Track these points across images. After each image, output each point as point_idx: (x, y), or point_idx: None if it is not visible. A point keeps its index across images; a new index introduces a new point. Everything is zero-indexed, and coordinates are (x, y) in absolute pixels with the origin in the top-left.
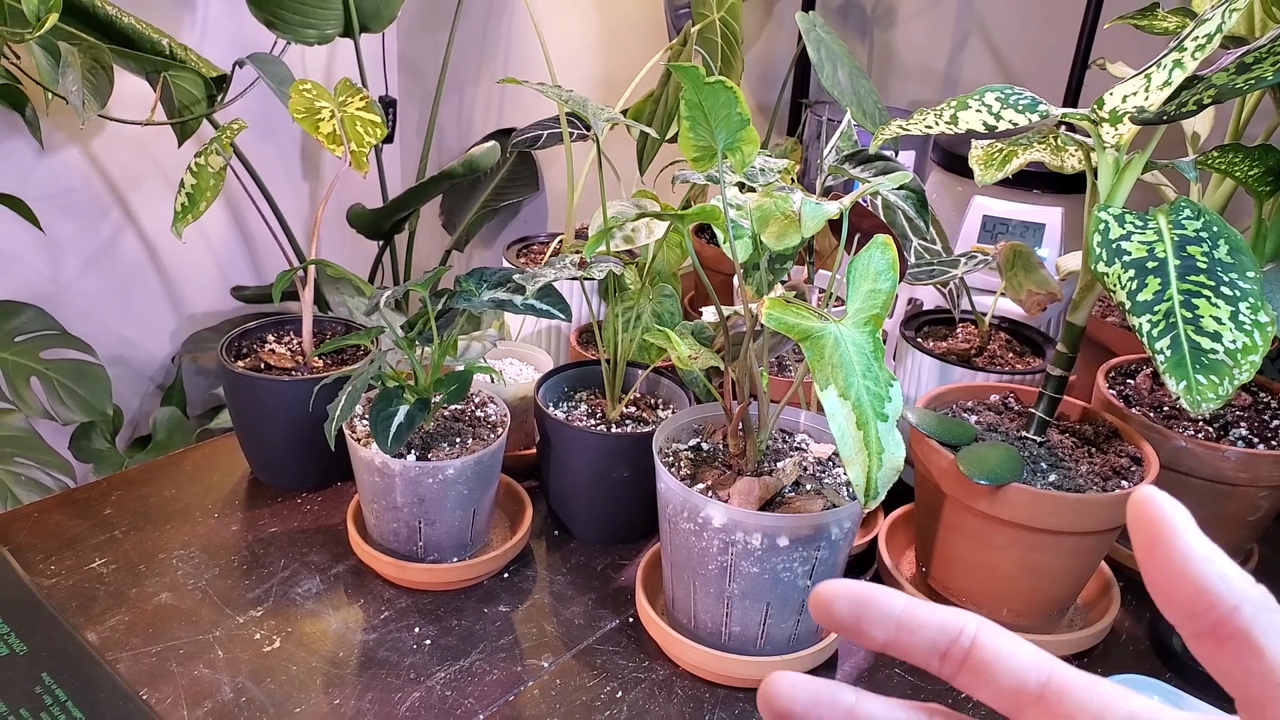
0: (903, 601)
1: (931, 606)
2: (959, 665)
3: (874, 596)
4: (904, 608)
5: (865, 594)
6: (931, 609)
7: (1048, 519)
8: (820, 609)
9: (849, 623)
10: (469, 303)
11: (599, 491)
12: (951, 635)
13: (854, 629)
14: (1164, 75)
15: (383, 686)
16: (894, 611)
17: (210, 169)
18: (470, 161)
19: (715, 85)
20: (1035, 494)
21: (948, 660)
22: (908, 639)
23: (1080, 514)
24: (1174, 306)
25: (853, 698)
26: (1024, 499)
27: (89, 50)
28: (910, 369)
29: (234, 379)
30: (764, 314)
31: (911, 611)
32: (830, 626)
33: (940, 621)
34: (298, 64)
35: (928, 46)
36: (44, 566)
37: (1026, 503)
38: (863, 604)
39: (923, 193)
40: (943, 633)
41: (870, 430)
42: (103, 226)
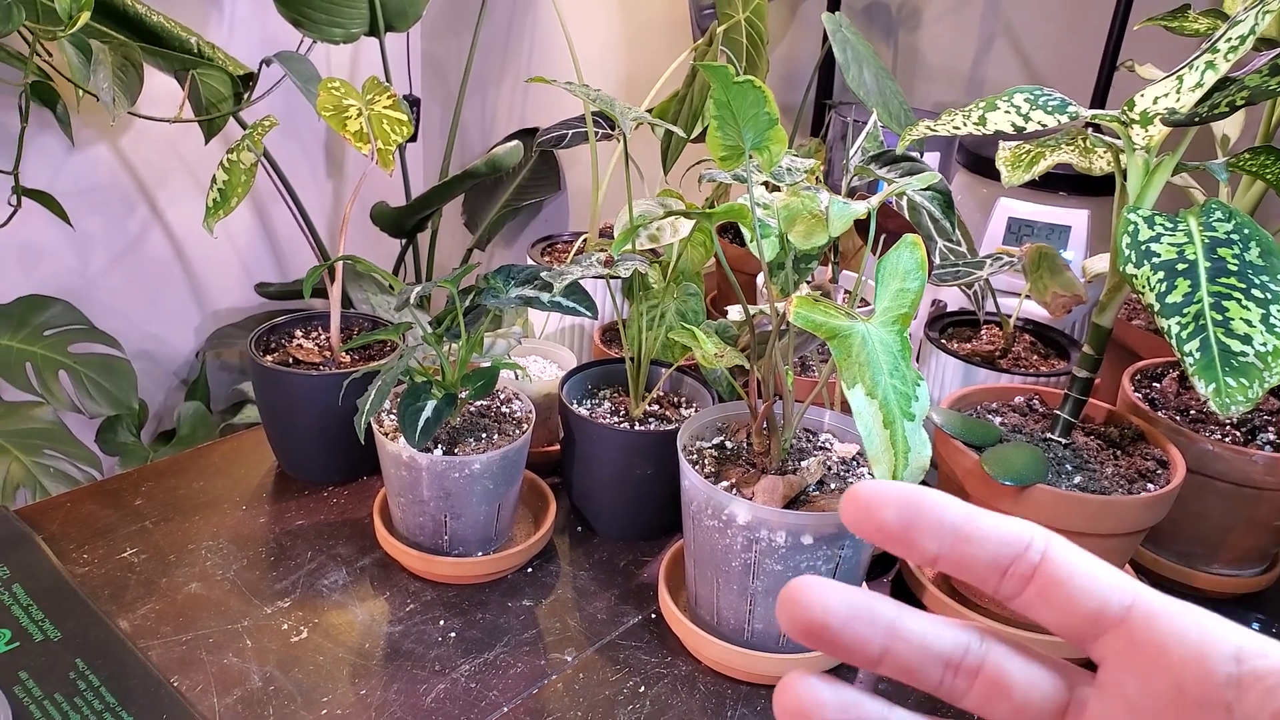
0: (962, 510)
1: (995, 517)
2: (1023, 583)
3: (928, 501)
4: (964, 516)
5: (917, 499)
6: (994, 519)
7: (1072, 521)
8: (860, 515)
9: (897, 531)
10: (497, 299)
11: (622, 488)
12: (1017, 549)
13: (902, 539)
14: (1196, 76)
15: (408, 678)
16: (951, 520)
17: (242, 165)
18: (493, 161)
19: (744, 84)
20: (1060, 495)
21: (1010, 577)
22: (965, 551)
23: (1105, 516)
24: (1204, 309)
25: (894, 610)
26: (1048, 500)
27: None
28: (934, 370)
29: (263, 373)
30: (792, 312)
31: (972, 521)
32: (871, 536)
33: (1005, 533)
34: (323, 63)
35: (953, 48)
36: (77, 555)
37: (1051, 504)
38: (916, 510)
39: (949, 194)
40: (1007, 546)
41: (897, 429)
42: (130, 223)
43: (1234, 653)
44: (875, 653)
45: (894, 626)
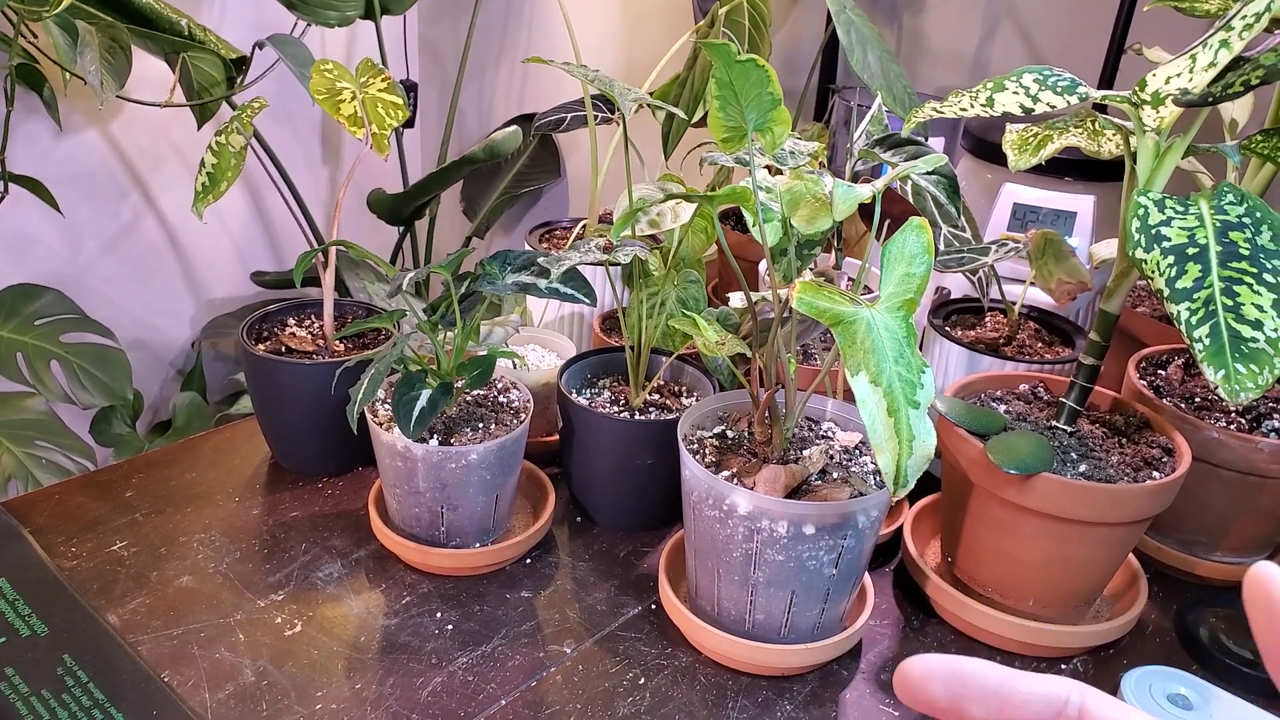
0: (998, 674)
1: (1028, 677)
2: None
3: (969, 670)
4: (1000, 680)
5: (959, 670)
6: (1029, 680)
7: (1077, 509)
8: (912, 689)
9: (947, 704)
10: (493, 286)
11: (622, 478)
12: (1056, 706)
13: (953, 710)
14: (1210, 56)
15: (404, 671)
16: (991, 685)
17: (231, 148)
18: (492, 146)
19: (747, 63)
20: (1065, 484)
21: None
22: (1010, 715)
23: (1111, 505)
24: (1214, 294)
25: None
26: (1054, 489)
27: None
28: (938, 358)
29: (255, 362)
30: (795, 298)
31: (1010, 684)
32: (922, 707)
33: (1044, 693)
34: (317, 46)
35: (958, 31)
36: (65, 548)
37: (1056, 493)
38: (960, 681)
39: (954, 178)
40: (1046, 704)
41: (901, 417)
42: (122, 210)
43: None
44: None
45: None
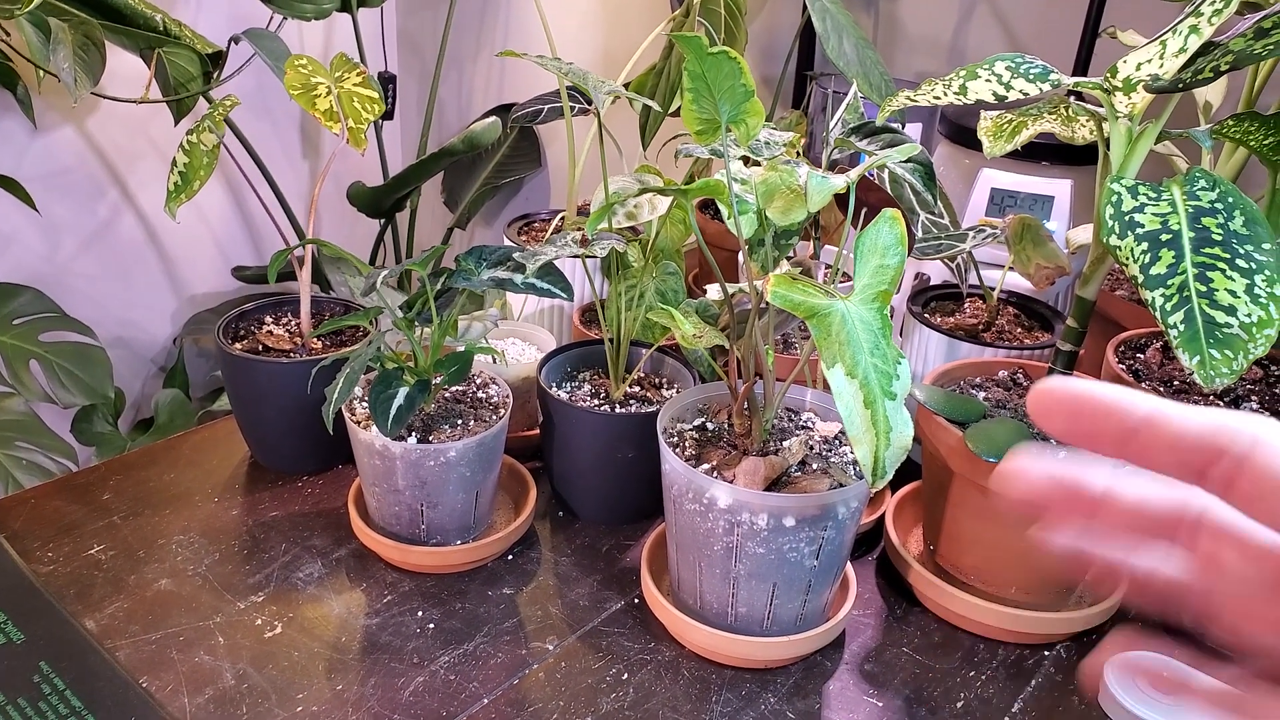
0: (1147, 408)
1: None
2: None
3: (1113, 401)
4: (1147, 415)
5: (1103, 400)
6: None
7: None
8: (1047, 411)
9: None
10: (468, 282)
11: (603, 472)
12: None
13: (1085, 434)
14: (1180, 41)
15: (386, 671)
16: (1139, 417)
17: (203, 147)
18: (471, 138)
19: (719, 56)
20: None
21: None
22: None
23: None
24: (1188, 280)
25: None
26: None
27: (80, 26)
28: (917, 345)
29: (231, 361)
30: (769, 291)
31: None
32: (1053, 428)
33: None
34: (295, 39)
35: (934, 17)
36: (41, 553)
37: None
38: (1104, 412)
39: (930, 165)
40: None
41: (878, 409)
42: (100, 207)
43: None
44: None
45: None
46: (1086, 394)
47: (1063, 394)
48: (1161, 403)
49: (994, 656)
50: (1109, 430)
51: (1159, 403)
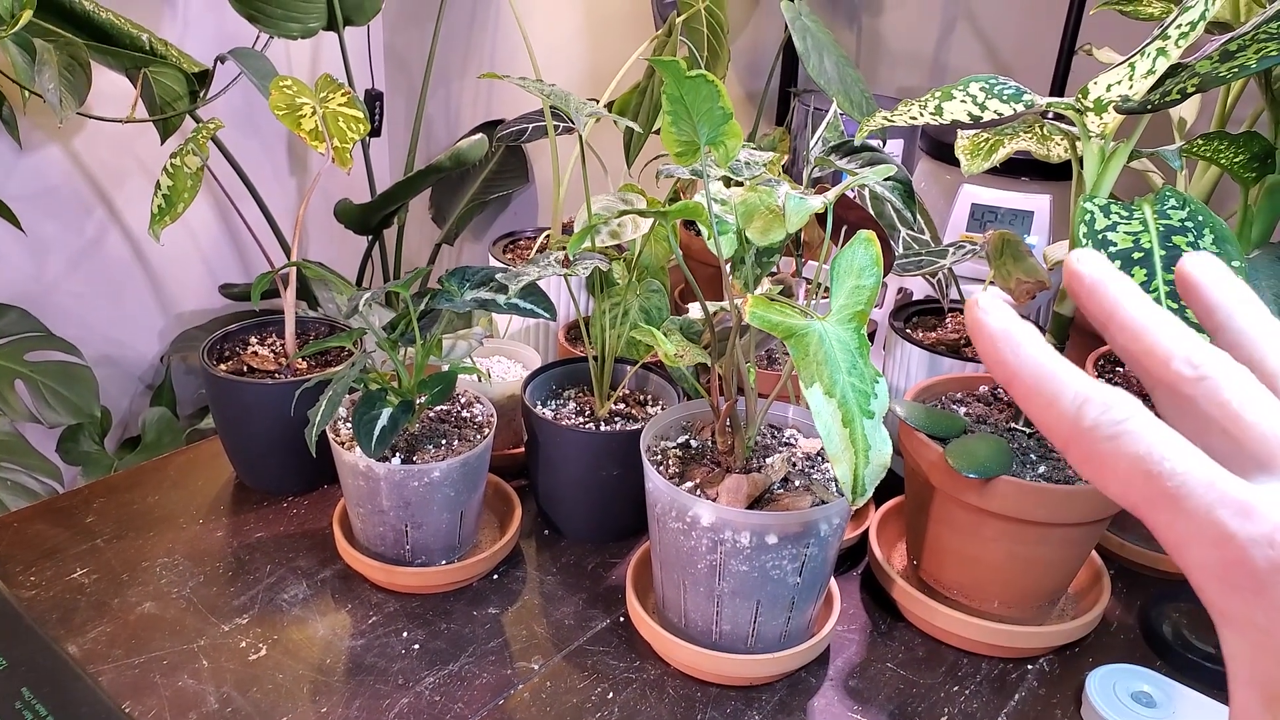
0: (1144, 317)
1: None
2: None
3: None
4: (1144, 322)
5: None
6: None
7: (1037, 511)
8: (1082, 284)
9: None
10: (451, 303)
11: (588, 490)
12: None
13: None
14: (1148, 64)
15: (371, 693)
16: (1138, 322)
17: (187, 169)
18: (457, 155)
19: (697, 79)
20: (1024, 486)
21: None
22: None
23: (1069, 506)
24: (1160, 297)
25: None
26: (1013, 491)
27: (65, 47)
28: (899, 360)
29: (216, 383)
30: (748, 312)
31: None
32: (1083, 300)
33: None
34: (282, 58)
35: (916, 33)
36: (23, 578)
37: (1015, 495)
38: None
39: (909, 184)
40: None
41: (856, 427)
42: (86, 226)
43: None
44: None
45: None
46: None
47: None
48: (1153, 319)
49: (978, 671)
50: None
51: (1152, 317)
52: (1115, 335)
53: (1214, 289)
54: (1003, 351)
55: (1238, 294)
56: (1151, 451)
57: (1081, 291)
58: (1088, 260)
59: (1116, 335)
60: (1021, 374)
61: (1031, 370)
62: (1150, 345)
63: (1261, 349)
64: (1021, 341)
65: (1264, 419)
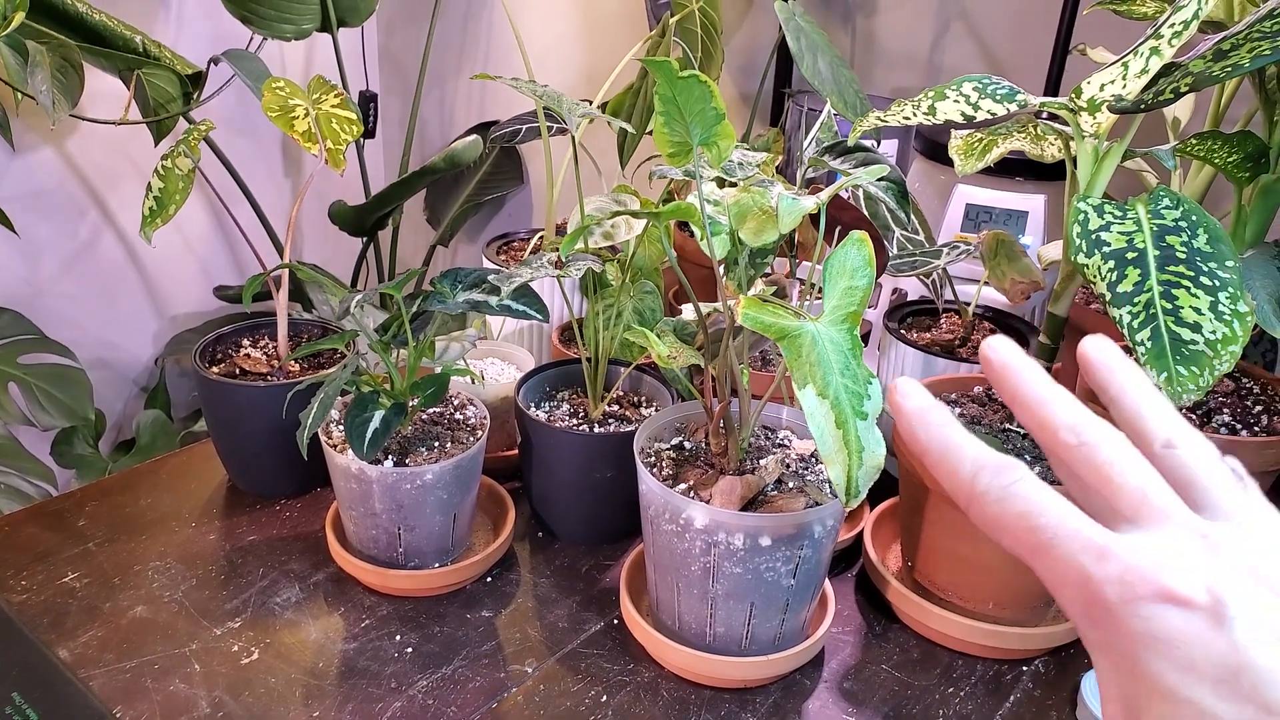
0: (1135, 402)
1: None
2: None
3: (1123, 385)
4: (1134, 409)
5: (1119, 379)
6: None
7: None
8: (1087, 365)
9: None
10: (443, 305)
11: (582, 492)
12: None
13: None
14: (1141, 63)
15: (363, 697)
16: (1127, 411)
17: (178, 171)
18: (452, 156)
19: (689, 80)
20: None
21: None
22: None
23: None
24: (1154, 297)
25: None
26: None
27: (58, 49)
28: (894, 360)
29: (208, 385)
30: (740, 314)
31: (1141, 417)
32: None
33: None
34: (276, 59)
35: (910, 33)
36: (14, 582)
37: None
38: (1116, 387)
39: (903, 184)
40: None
41: (850, 429)
42: (80, 228)
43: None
44: None
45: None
46: (1008, 369)
47: (997, 363)
48: (1147, 405)
49: (973, 672)
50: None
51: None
52: (1019, 411)
53: (1106, 369)
54: (915, 429)
55: (1127, 373)
56: (1030, 508)
57: (991, 373)
58: (997, 346)
59: (1020, 411)
60: (930, 448)
61: (938, 445)
62: (1044, 417)
63: (1142, 419)
64: (931, 420)
65: (1131, 479)
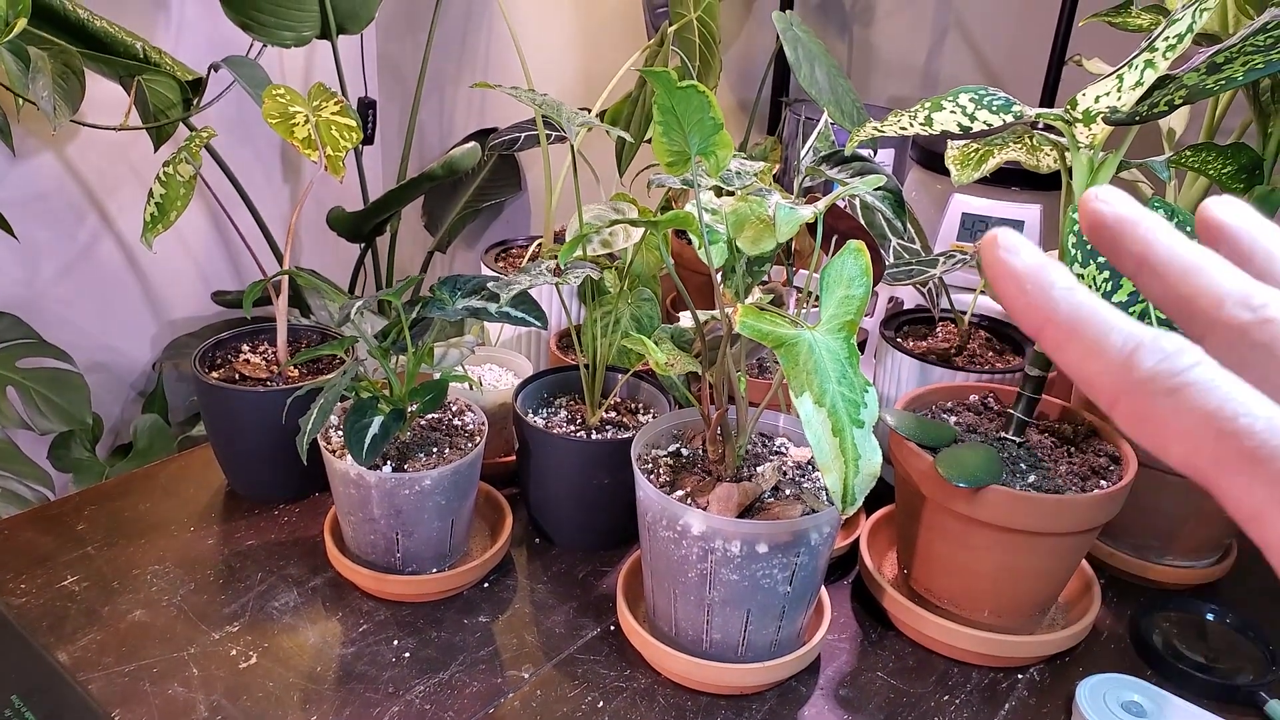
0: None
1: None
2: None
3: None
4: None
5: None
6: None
7: (1026, 520)
8: (1101, 226)
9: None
10: (442, 311)
11: (580, 498)
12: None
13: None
14: (1136, 75)
15: (361, 702)
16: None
17: (180, 177)
18: (450, 163)
19: (688, 89)
20: (1014, 495)
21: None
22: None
23: (1059, 515)
24: (1148, 308)
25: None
26: (1003, 501)
27: (59, 55)
28: (890, 369)
29: (208, 390)
30: (738, 322)
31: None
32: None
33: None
34: (276, 66)
35: (907, 43)
36: (14, 585)
37: (1005, 504)
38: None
39: (899, 193)
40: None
41: (846, 437)
42: (79, 233)
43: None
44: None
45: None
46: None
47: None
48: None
49: (968, 680)
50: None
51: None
52: (1150, 282)
53: (1246, 233)
54: (1030, 294)
55: (1272, 235)
56: (1224, 406)
57: (1105, 234)
58: (1109, 197)
59: (1151, 282)
60: (1056, 318)
61: (1067, 313)
62: (1197, 288)
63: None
64: (1055, 280)
65: None
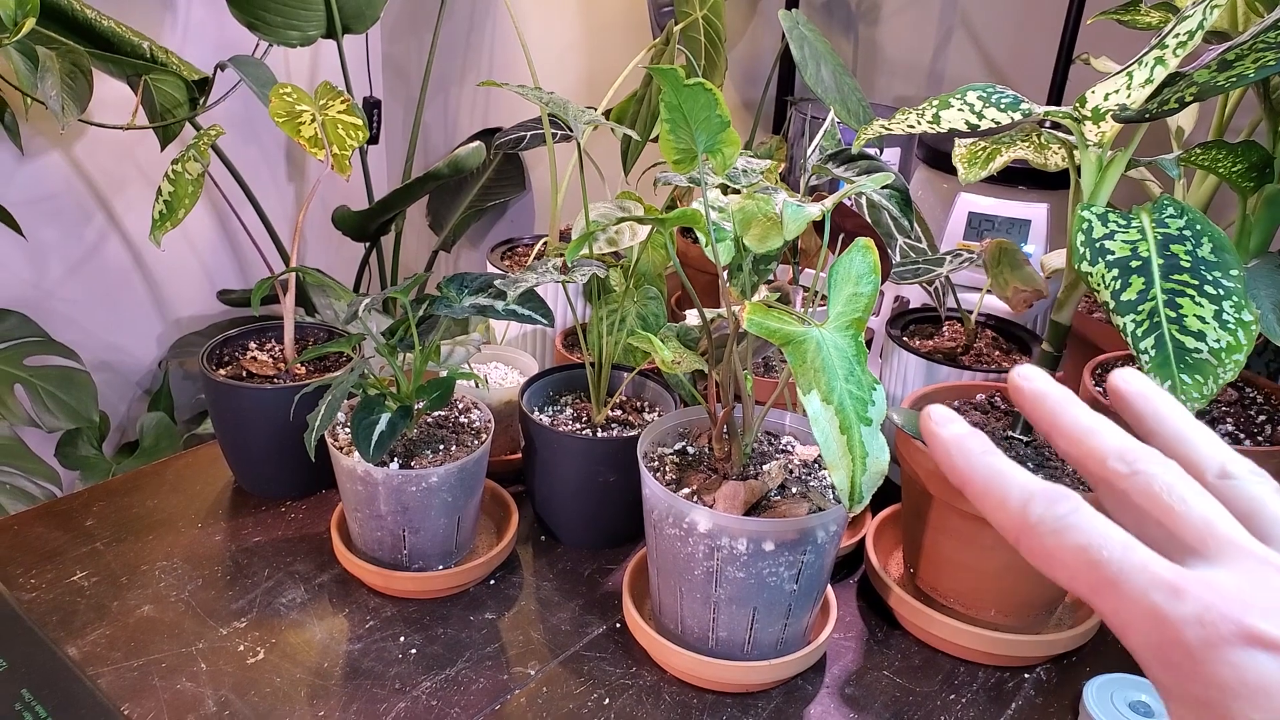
0: (1175, 428)
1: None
2: None
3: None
4: (1176, 433)
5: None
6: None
7: None
8: (1118, 395)
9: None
10: (449, 309)
11: (585, 496)
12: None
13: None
14: (1146, 73)
15: (367, 697)
16: (1170, 432)
17: (188, 175)
18: (455, 162)
19: (695, 87)
20: None
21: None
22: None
23: None
24: (1158, 306)
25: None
26: None
27: (68, 54)
28: (896, 368)
29: (215, 387)
30: (745, 319)
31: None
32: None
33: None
34: (281, 66)
35: (913, 42)
36: (24, 580)
37: None
38: (1154, 418)
39: (906, 192)
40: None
41: (854, 434)
42: (86, 232)
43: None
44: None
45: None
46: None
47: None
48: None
49: (974, 679)
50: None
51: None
52: (1058, 441)
53: (1143, 398)
54: (955, 458)
55: (1166, 401)
56: (1091, 542)
57: (1025, 403)
58: (1029, 375)
59: (1059, 441)
60: (974, 478)
61: (983, 474)
62: (1091, 448)
63: (1188, 446)
64: (972, 447)
65: (1194, 508)
